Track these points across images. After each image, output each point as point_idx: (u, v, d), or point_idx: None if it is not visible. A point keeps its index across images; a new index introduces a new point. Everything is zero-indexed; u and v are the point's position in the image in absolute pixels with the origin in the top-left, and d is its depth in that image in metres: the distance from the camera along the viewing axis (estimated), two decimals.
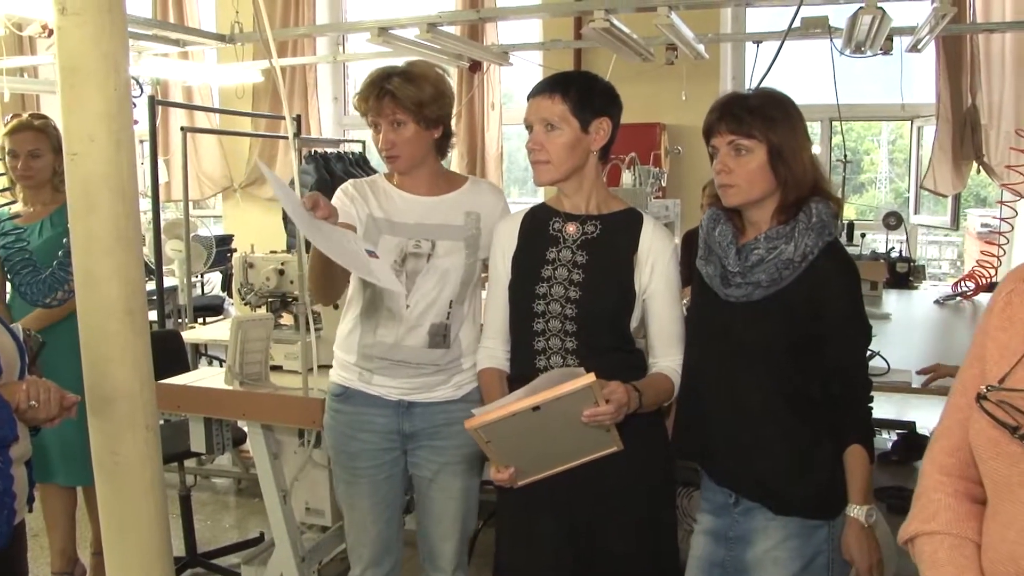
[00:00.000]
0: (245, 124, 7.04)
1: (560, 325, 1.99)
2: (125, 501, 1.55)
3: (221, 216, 7.89)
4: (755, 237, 1.85)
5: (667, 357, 2.03)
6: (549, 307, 2.00)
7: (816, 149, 1.90)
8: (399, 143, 2.17)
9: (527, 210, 2.16)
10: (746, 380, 1.85)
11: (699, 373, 1.96)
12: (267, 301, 3.19)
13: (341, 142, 6.19)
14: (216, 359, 5.43)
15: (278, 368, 3.09)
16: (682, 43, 4.25)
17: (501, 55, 5.21)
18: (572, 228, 2.04)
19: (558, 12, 4.92)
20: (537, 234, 2.07)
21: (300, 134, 5.47)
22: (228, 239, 6.68)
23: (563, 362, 1.98)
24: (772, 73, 3.22)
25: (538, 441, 1.79)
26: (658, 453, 2.05)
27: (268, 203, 7.05)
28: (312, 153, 5.00)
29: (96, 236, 1.46)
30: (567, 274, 2.00)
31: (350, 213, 2.17)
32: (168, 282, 5.56)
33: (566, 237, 2.04)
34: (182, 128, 4.88)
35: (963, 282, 4.81)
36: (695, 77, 5.59)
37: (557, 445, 1.82)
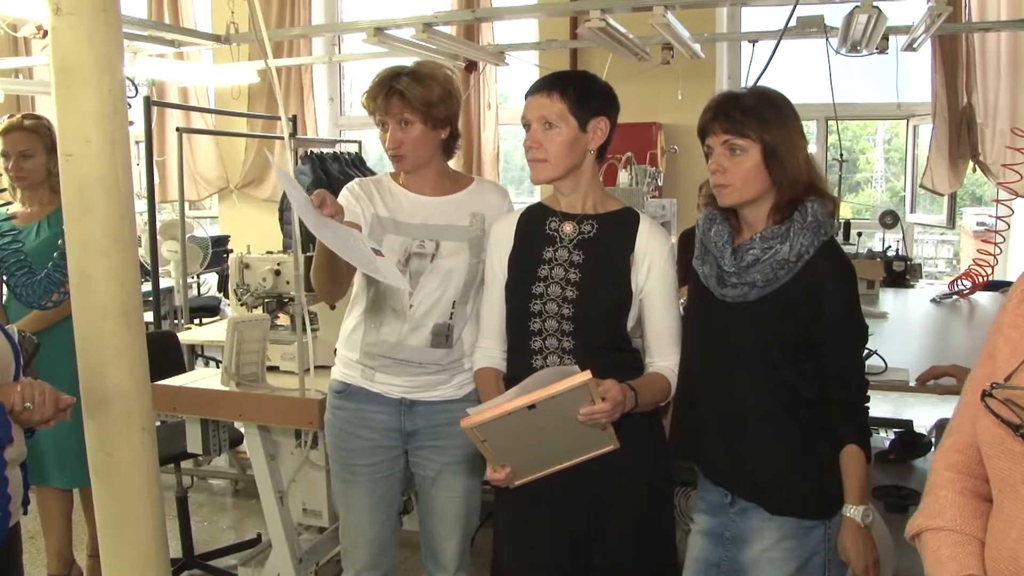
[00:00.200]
0: (241, 125, 7.03)
1: (557, 325, 1.99)
2: (121, 503, 1.55)
3: (217, 217, 7.88)
4: (750, 237, 1.84)
5: (663, 357, 2.03)
6: (546, 307, 1.99)
7: (812, 148, 1.90)
8: (406, 142, 2.18)
9: (523, 209, 2.16)
10: (742, 380, 1.84)
11: (695, 373, 1.96)
12: (263, 302, 3.18)
13: (337, 142, 6.18)
14: (212, 360, 5.42)
15: (275, 369, 3.08)
16: (678, 43, 4.24)
17: (497, 55, 5.21)
18: (569, 228, 2.04)
19: (554, 12, 4.92)
20: (533, 234, 2.07)
21: (296, 134, 5.46)
22: (224, 240, 6.66)
23: (560, 362, 1.98)
24: (768, 72, 3.23)
25: (534, 440, 1.79)
26: (655, 452, 2.05)
27: (264, 204, 7.04)
28: (308, 153, 4.99)
29: (91, 237, 1.46)
30: (564, 274, 2.00)
31: (355, 212, 2.17)
32: (164, 283, 5.55)
33: (563, 237, 2.04)
34: (178, 129, 4.88)
35: (959, 281, 4.81)
36: (691, 76, 5.60)
37: (553, 444, 1.82)
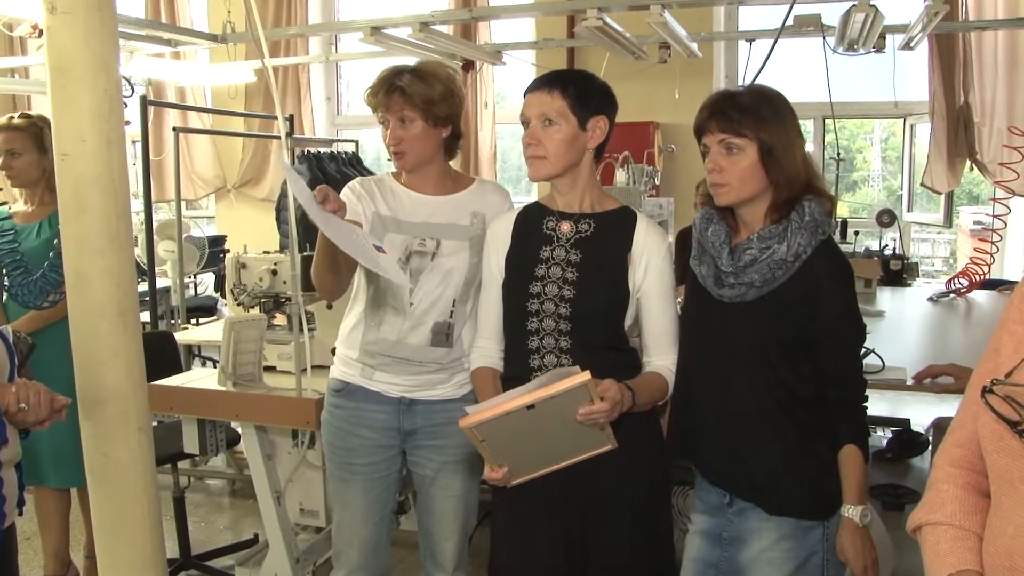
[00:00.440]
0: (238, 124, 7.02)
1: (554, 324, 1.98)
2: (117, 503, 1.55)
3: (214, 216, 7.87)
4: (748, 237, 1.83)
5: (661, 356, 2.02)
6: (543, 306, 1.99)
7: (809, 147, 1.89)
8: (407, 139, 2.18)
9: (520, 209, 2.15)
10: (740, 380, 1.84)
11: (693, 373, 1.95)
12: (260, 302, 3.18)
13: (334, 142, 6.18)
14: (209, 360, 5.41)
15: (271, 369, 3.08)
16: (675, 41, 4.24)
17: (494, 54, 5.20)
18: (566, 227, 2.04)
19: (551, 11, 4.91)
20: (531, 233, 2.07)
21: (293, 134, 5.45)
22: (221, 240, 6.66)
23: (557, 361, 1.98)
24: (765, 71, 3.23)
25: (532, 440, 1.79)
26: (653, 452, 2.04)
27: (261, 203, 7.04)
28: (305, 153, 4.99)
29: (87, 236, 1.46)
30: (561, 273, 2.00)
31: (357, 211, 2.17)
32: (161, 283, 5.55)
33: (560, 236, 2.03)
34: (174, 128, 4.87)
35: (956, 279, 4.82)
36: (688, 75, 5.59)
37: (551, 444, 1.82)
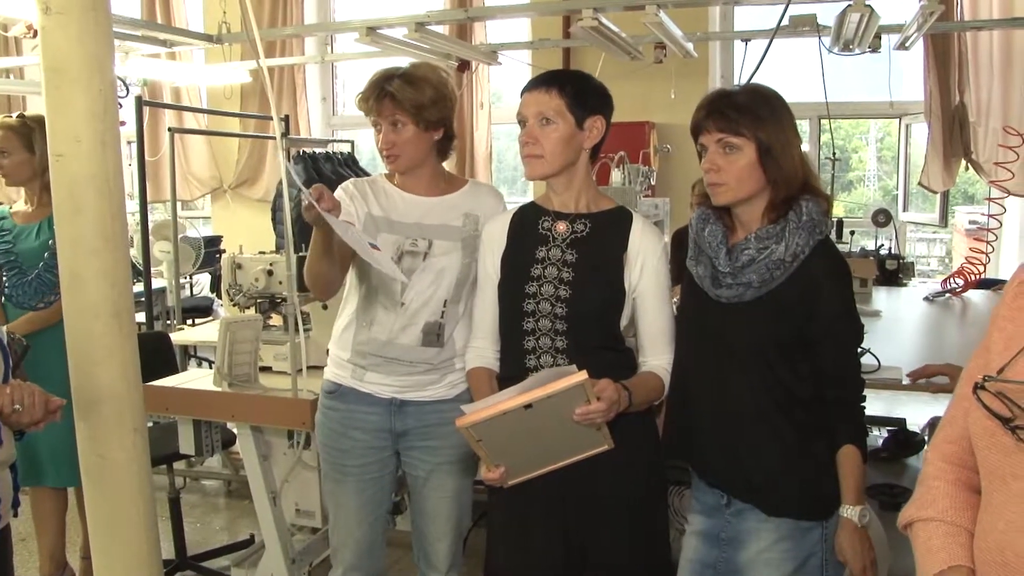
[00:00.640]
0: (234, 125, 7.01)
1: (550, 324, 1.98)
2: (113, 504, 1.54)
3: (210, 217, 7.85)
4: (745, 237, 1.83)
5: (657, 356, 2.02)
6: (539, 306, 1.99)
7: (805, 147, 1.89)
8: (399, 143, 2.18)
9: (516, 209, 2.15)
10: (737, 381, 1.84)
11: (690, 374, 1.95)
12: (256, 302, 3.17)
13: (329, 142, 6.17)
14: (205, 360, 5.40)
15: (267, 369, 3.08)
16: (671, 41, 4.24)
17: (490, 54, 5.20)
18: (562, 227, 2.04)
19: (547, 11, 4.91)
20: (526, 233, 2.07)
21: (288, 134, 5.45)
22: (217, 240, 6.65)
23: (553, 361, 1.98)
24: (761, 71, 3.23)
25: (529, 440, 1.78)
26: (649, 452, 2.04)
27: (257, 204, 7.02)
28: (300, 153, 4.98)
29: (82, 237, 1.46)
30: (557, 273, 2.00)
31: (349, 211, 2.17)
32: (156, 283, 5.53)
33: (556, 236, 2.03)
34: (170, 129, 4.87)
35: (952, 279, 4.82)
36: (684, 75, 5.59)
37: (548, 444, 1.82)
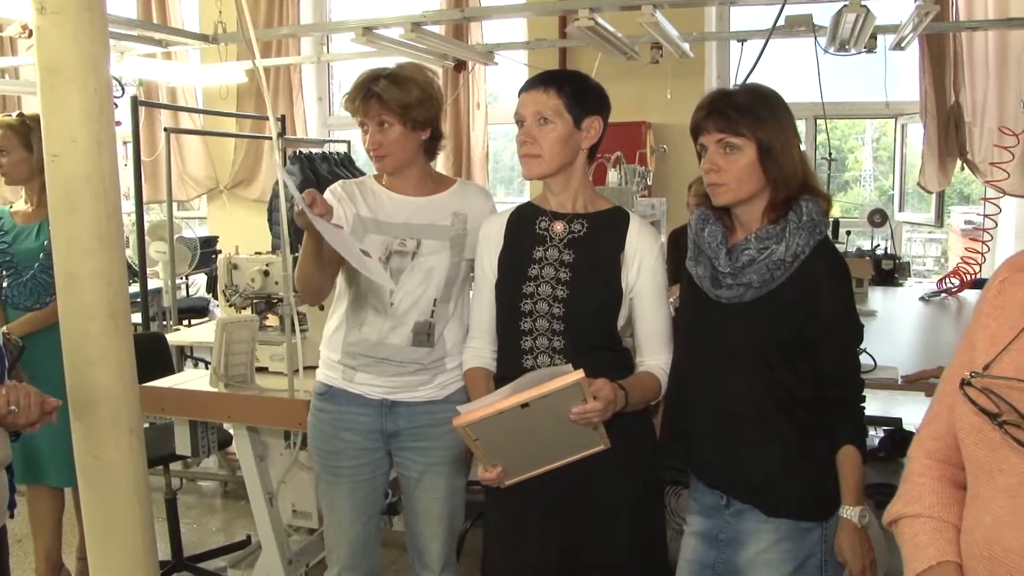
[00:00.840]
0: (230, 125, 7.00)
1: (547, 324, 1.98)
2: (109, 505, 1.54)
3: (206, 217, 7.84)
4: (745, 237, 1.82)
5: (654, 356, 2.02)
6: (536, 306, 1.99)
7: (801, 147, 1.90)
8: (385, 144, 2.19)
9: (513, 209, 2.15)
10: (737, 381, 1.83)
11: (689, 374, 1.95)
12: (252, 302, 3.17)
13: (326, 142, 6.15)
14: (201, 361, 5.40)
15: (263, 370, 3.07)
16: (667, 42, 4.24)
17: (486, 54, 5.20)
18: (559, 227, 2.03)
19: (543, 11, 4.92)
20: (523, 233, 2.07)
21: (284, 134, 5.44)
22: (213, 240, 6.64)
23: (550, 361, 1.98)
24: (757, 71, 3.23)
25: (526, 439, 1.78)
26: (646, 452, 2.04)
27: (253, 204, 7.01)
28: (297, 153, 4.98)
29: (77, 237, 1.45)
30: (554, 273, 1.99)
31: (338, 214, 2.17)
32: (152, 284, 5.52)
33: (553, 236, 2.03)
34: (166, 129, 4.87)
35: (948, 279, 4.83)
36: (680, 76, 5.60)
37: (545, 443, 1.82)
